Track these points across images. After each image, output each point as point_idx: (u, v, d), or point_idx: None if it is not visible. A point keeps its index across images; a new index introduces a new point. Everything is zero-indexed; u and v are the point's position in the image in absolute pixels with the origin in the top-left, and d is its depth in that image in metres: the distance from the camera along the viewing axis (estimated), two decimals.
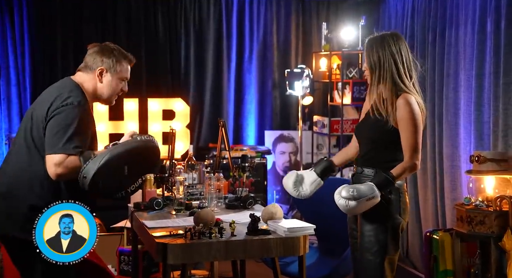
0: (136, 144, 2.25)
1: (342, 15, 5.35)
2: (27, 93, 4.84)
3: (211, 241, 2.51)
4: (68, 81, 2.34)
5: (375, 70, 2.44)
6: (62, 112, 2.17)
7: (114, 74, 2.33)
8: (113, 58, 2.32)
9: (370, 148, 2.48)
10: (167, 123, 4.83)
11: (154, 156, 2.39)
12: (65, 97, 2.21)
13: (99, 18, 5.03)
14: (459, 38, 3.95)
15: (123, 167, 2.19)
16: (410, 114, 2.36)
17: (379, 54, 2.45)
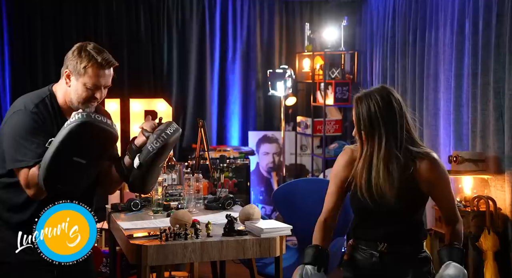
0: (67, 131, 1.91)
1: (324, 16, 5.36)
2: (7, 94, 4.79)
3: (187, 242, 2.50)
4: (45, 88, 2.15)
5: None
6: (10, 121, 2.02)
7: (78, 78, 2.04)
8: (79, 60, 2.03)
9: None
10: None
11: (99, 133, 1.97)
12: (17, 105, 2.05)
13: (80, 18, 5.00)
14: (439, 39, 3.97)
15: (74, 159, 1.95)
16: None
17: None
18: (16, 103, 2.08)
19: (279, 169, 5.41)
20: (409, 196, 2.05)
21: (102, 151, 2.05)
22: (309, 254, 2.21)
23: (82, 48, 2.07)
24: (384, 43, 4.68)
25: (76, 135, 1.92)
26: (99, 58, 2.03)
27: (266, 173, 5.49)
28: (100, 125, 1.95)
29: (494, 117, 3.37)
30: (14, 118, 2.01)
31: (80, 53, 2.05)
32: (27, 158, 1.98)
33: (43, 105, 2.06)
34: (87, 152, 1.99)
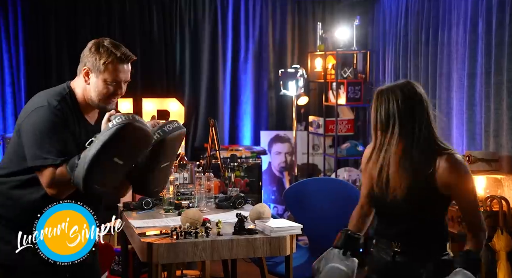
0: (112, 132, 1.87)
1: (337, 15, 5.34)
2: (21, 93, 4.85)
3: (197, 240, 2.51)
4: (62, 85, 2.11)
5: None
6: (31, 117, 1.96)
7: (98, 74, 2.01)
8: (97, 56, 2.00)
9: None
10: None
11: (141, 135, 1.96)
12: (38, 101, 2.00)
13: (93, 18, 5.04)
14: (452, 38, 3.95)
15: (113, 159, 1.93)
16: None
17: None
18: (36, 99, 2.02)
19: (291, 168, 5.41)
20: (423, 195, 1.97)
21: (138, 152, 2.01)
22: (338, 238, 2.24)
23: (100, 44, 2.04)
24: (397, 42, 4.66)
25: (120, 136, 1.89)
26: (118, 53, 2.01)
27: (278, 173, 5.49)
28: (142, 127, 1.93)
29: (507, 117, 3.34)
30: (36, 115, 1.95)
31: (98, 49, 2.01)
32: (52, 156, 1.93)
33: (65, 102, 2.02)
34: (126, 153, 1.96)
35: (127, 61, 2.04)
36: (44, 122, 1.94)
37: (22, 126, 1.99)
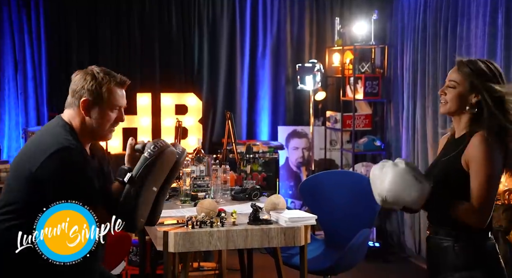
0: (153, 163, 1.86)
1: (355, 10, 5.32)
2: (43, 87, 4.94)
3: (212, 229, 2.54)
4: (56, 121, 1.94)
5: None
6: (53, 162, 1.80)
7: (102, 103, 1.90)
8: (96, 84, 1.88)
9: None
10: (180, 118, 4.87)
11: (172, 159, 1.97)
12: (51, 143, 1.84)
13: (113, 14, 5.11)
14: (471, 31, 3.91)
15: (152, 189, 1.94)
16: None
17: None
18: (44, 141, 1.85)
19: (308, 163, 5.41)
20: (453, 173, 1.93)
21: (169, 177, 2.00)
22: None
23: (93, 72, 1.92)
24: (415, 36, 4.62)
25: (159, 166, 1.88)
26: (117, 78, 1.94)
27: (296, 168, 5.50)
28: (173, 151, 1.92)
29: None
30: (59, 159, 1.81)
31: (94, 78, 1.90)
32: (90, 198, 1.84)
33: (74, 139, 1.89)
34: (160, 180, 1.95)
35: (124, 86, 1.97)
36: (72, 164, 1.82)
37: (39, 175, 1.80)
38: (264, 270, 4.01)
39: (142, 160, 1.89)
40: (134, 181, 1.87)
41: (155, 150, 1.87)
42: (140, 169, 1.88)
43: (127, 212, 1.86)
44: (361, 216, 3.17)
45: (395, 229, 5.00)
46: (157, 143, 1.90)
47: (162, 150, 1.89)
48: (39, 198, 1.80)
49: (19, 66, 4.88)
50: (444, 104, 1.98)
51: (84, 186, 1.84)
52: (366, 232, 3.05)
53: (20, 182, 1.84)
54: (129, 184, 1.88)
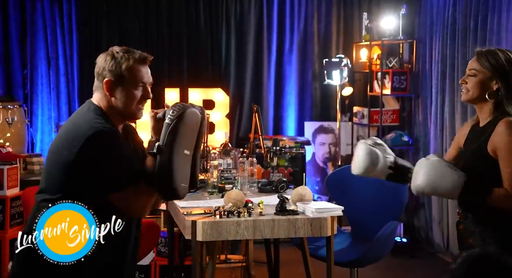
0: (176, 126, 1.83)
1: (383, 5, 5.29)
2: (75, 83, 5.06)
3: (239, 219, 2.57)
4: (87, 106, 1.93)
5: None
6: (92, 146, 1.81)
7: (123, 82, 1.88)
8: (115, 64, 1.87)
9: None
10: (207, 113, 4.92)
11: (196, 119, 1.92)
12: (86, 128, 1.84)
13: (142, 9, 5.19)
14: (501, 24, 3.85)
15: (184, 152, 1.91)
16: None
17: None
18: (78, 126, 1.84)
19: (335, 159, 5.40)
20: (481, 161, 1.96)
21: (195, 137, 1.96)
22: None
23: (113, 52, 1.92)
24: (444, 30, 4.57)
25: (183, 127, 1.85)
26: (136, 55, 1.91)
27: (322, 163, 5.49)
28: (195, 111, 1.90)
29: None
30: (96, 143, 1.81)
31: (114, 57, 1.90)
32: (131, 177, 1.85)
33: (107, 122, 1.89)
34: (190, 142, 1.92)
35: (146, 62, 1.94)
36: (108, 147, 1.82)
37: (78, 161, 1.80)
38: (291, 264, 4.03)
39: (165, 126, 1.85)
40: (163, 149, 1.84)
41: (175, 114, 1.84)
42: (165, 136, 1.84)
43: (165, 182, 1.84)
44: (388, 209, 3.16)
45: (423, 224, 4.96)
46: (175, 107, 1.86)
47: (182, 112, 1.84)
48: (79, 184, 1.80)
49: (51, 62, 5.01)
50: (466, 92, 2.02)
51: (124, 167, 1.84)
52: (393, 224, 3.04)
53: (60, 169, 1.83)
54: (159, 153, 1.84)
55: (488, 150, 1.96)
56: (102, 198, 1.81)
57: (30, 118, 4.93)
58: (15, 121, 4.54)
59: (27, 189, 3.21)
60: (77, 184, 1.81)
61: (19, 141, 4.55)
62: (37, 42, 4.97)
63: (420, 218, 5.02)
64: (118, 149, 1.85)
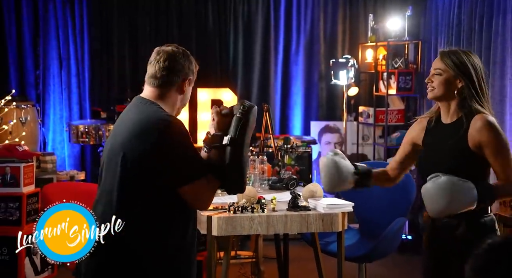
0: (246, 122, 1.87)
1: (389, 6, 5.37)
2: (86, 83, 5.15)
3: (253, 215, 2.66)
4: (144, 101, 1.92)
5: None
6: (166, 136, 1.82)
7: (191, 80, 1.96)
8: (189, 63, 1.93)
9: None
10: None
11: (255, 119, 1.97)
12: (155, 120, 1.84)
13: (153, 11, 5.28)
14: (506, 26, 3.93)
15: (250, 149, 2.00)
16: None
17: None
18: (150, 119, 1.83)
19: None
20: (463, 157, 2.02)
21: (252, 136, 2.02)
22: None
23: (184, 51, 1.95)
24: (449, 31, 4.65)
25: (250, 124, 1.90)
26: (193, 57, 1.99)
27: None
28: (256, 110, 1.95)
29: None
30: (168, 132, 1.81)
31: (188, 56, 1.94)
32: (202, 168, 1.86)
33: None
34: (250, 138, 1.95)
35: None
36: (178, 137, 1.83)
37: (157, 151, 1.79)
38: (300, 260, 4.12)
39: (237, 120, 1.88)
40: (236, 142, 1.85)
41: (246, 109, 1.88)
42: (237, 129, 1.86)
43: (238, 175, 1.88)
44: (395, 206, 3.24)
45: None
46: (245, 103, 1.91)
47: (251, 109, 1.91)
48: (155, 178, 1.79)
49: (63, 63, 5.10)
50: (432, 90, 2.10)
51: (195, 158, 1.85)
52: (401, 220, 3.12)
53: (136, 164, 1.80)
54: (231, 146, 1.85)
55: (469, 145, 2.02)
56: (172, 192, 1.80)
57: (42, 118, 5.02)
58: (28, 120, 4.63)
59: (47, 186, 3.29)
60: (153, 177, 1.79)
61: (32, 139, 4.64)
62: (49, 43, 5.07)
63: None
64: (189, 140, 1.86)
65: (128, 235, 1.77)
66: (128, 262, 1.81)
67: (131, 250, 1.81)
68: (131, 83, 5.14)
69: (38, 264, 3.88)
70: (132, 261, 1.81)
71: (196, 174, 1.82)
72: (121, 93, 4.99)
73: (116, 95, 5.05)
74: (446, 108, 2.10)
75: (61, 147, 5.10)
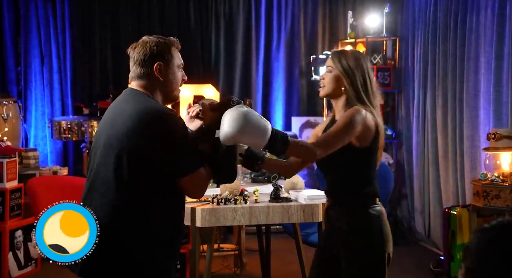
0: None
1: (367, 3, 5.48)
2: (67, 80, 5.15)
3: (236, 206, 2.73)
4: (134, 93, 1.93)
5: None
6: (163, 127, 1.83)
7: (170, 64, 1.94)
8: (161, 48, 1.94)
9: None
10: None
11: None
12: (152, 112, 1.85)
13: (135, 9, 5.31)
14: (480, 23, 4.05)
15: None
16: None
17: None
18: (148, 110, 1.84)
19: None
20: (343, 147, 2.05)
21: None
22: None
23: (157, 38, 1.98)
24: (426, 28, 4.76)
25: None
26: (172, 39, 2.01)
27: None
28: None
29: None
30: (166, 124, 1.83)
31: (159, 43, 1.95)
32: (200, 159, 1.88)
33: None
34: None
35: (179, 46, 2.03)
36: (178, 129, 1.84)
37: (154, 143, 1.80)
38: (282, 252, 4.20)
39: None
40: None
41: (236, 105, 1.92)
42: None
43: (231, 166, 1.94)
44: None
45: (406, 214, 5.17)
46: (233, 98, 1.95)
47: (240, 104, 1.94)
48: (153, 169, 1.80)
49: (45, 60, 5.10)
50: (323, 88, 2.19)
51: (194, 149, 1.89)
52: None
53: (137, 155, 1.80)
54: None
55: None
56: (171, 181, 1.83)
57: (24, 114, 5.01)
58: (10, 117, 4.62)
59: (31, 180, 3.31)
60: (154, 167, 1.80)
61: (14, 136, 4.63)
62: (31, 41, 5.06)
63: (403, 209, 5.22)
64: (187, 132, 1.89)
65: (125, 224, 1.79)
66: (122, 252, 1.82)
67: (126, 239, 1.81)
68: (113, 79, 5.17)
69: (21, 259, 3.90)
70: (126, 250, 1.81)
71: (197, 165, 1.85)
72: (104, 90, 5.01)
73: (99, 92, 5.07)
74: (336, 105, 2.20)
75: (44, 143, 5.10)
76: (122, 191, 1.81)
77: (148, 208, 1.83)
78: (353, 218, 2.10)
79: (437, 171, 4.57)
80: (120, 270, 1.82)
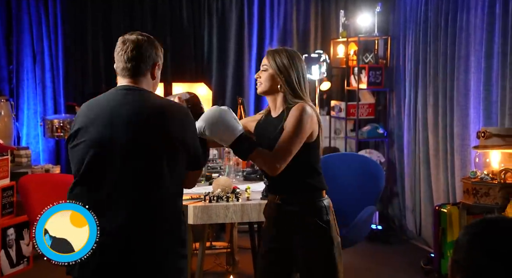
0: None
1: (359, 3, 5.50)
2: (60, 78, 5.14)
3: (228, 204, 2.75)
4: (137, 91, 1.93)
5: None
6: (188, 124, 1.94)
7: (160, 65, 1.99)
8: (158, 50, 1.97)
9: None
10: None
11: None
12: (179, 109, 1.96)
13: (127, 6, 5.30)
14: (470, 21, 4.09)
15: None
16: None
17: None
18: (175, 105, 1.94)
19: None
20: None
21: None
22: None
23: (152, 38, 1.98)
24: (417, 27, 4.80)
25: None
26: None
27: None
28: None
29: None
30: (189, 121, 1.94)
31: (151, 42, 1.96)
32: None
33: None
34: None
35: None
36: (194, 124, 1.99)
37: (185, 136, 1.89)
38: None
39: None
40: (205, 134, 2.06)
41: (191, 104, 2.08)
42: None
43: (205, 159, 2.07)
44: (365, 194, 3.36)
45: (397, 213, 5.20)
46: (187, 97, 2.09)
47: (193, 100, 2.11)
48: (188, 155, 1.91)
49: (37, 58, 5.09)
50: (260, 85, 2.24)
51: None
52: (371, 208, 3.24)
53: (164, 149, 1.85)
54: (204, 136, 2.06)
55: None
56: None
57: (16, 113, 5.00)
58: (2, 115, 4.62)
59: (24, 177, 3.31)
60: (186, 161, 1.91)
61: (6, 134, 4.63)
62: (23, 39, 5.05)
63: (394, 207, 5.26)
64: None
65: (160, 212, 1.85)
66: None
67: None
68: (105, 78, 5.17)
69: (13, 257, 3.90)
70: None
71: (205, 158, 2.02)
72: (96, 88, 5.00)
73: (91, 90, 5.07)
74: (273, 102, 2.24)
75: (36, 141, 5.09)
76: (172, 185, 1.87)
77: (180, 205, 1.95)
78: (304, 210, 2.16)
79: (428, 169, 4.61)
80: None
